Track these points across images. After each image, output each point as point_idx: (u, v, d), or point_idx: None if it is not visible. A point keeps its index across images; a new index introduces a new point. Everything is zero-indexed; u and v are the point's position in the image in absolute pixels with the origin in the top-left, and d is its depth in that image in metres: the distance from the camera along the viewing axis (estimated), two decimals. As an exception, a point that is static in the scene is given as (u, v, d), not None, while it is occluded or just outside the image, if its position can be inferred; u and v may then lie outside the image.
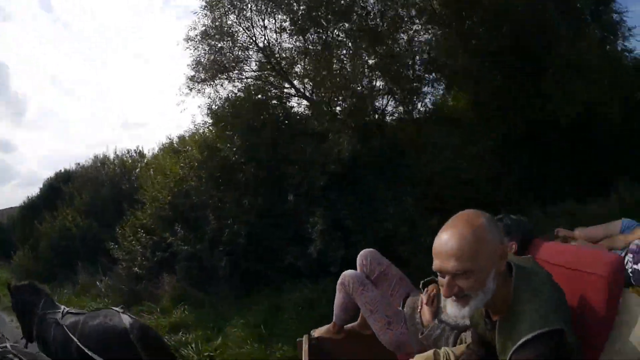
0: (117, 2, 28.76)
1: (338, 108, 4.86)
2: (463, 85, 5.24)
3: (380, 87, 5.46)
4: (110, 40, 28.87)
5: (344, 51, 5.41)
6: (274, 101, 5.44)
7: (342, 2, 5.30)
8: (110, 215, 8.68)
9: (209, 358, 3.57)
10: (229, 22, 5.62)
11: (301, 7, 5.38)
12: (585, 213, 5.63)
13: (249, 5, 5.55)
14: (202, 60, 5.74)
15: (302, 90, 5.67)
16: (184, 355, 3.64)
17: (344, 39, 5.40)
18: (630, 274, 2.05)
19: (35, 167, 30.42)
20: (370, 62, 5.32)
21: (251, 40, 5.73)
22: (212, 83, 5.77)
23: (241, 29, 5.67)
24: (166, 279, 5.58)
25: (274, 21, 5.70)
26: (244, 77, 5.94)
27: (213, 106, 5.37)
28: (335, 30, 5.44)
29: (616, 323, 1.22)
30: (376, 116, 5.34)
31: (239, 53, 5.78)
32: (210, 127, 5.50)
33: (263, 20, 5.68)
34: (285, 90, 5.82)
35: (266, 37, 5.74)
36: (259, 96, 5.29)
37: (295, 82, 5.79)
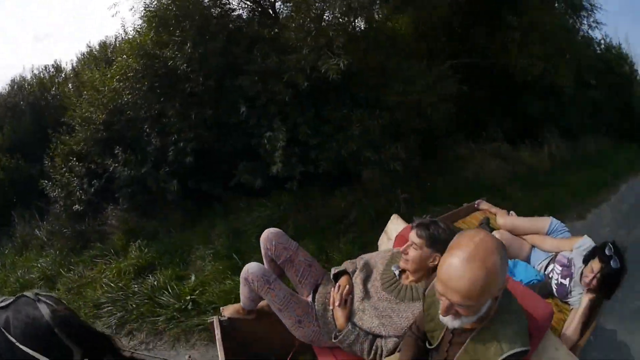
0: None
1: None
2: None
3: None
4: None
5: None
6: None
7: None
8: (37, 148, 7.00)
9: (191, 302, 3.18)
10: None
11: None
12: (518, 159, 6.29)
13: None
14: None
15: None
16: (163, 303, 3.23)
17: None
18: (555, 287, 2.13)
19: None
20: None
21: None
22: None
23: None
24: (110, 212, 4.95)
25: None
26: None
27: (152, 6, 4.51)
28: None
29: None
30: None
31: None
32: (147, 32, 4.67)
33: None
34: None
35: None
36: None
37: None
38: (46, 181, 5.54)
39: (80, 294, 3.69)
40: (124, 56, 4.85)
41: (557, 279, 2.15)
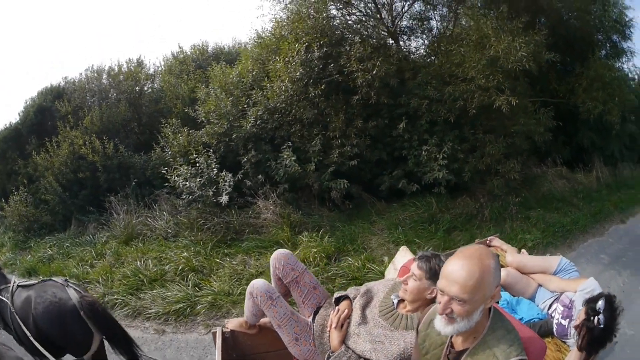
0: None
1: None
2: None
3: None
4: None
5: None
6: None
7: None
8: (129, 135, 7.79)
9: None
10: None
11: None
12: (575, 180, 7.69)
13: None
14: None
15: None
16: (371, 279, 3.64)
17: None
18: (555, 326, 2.14)
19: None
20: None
21: None
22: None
23: None
24: (263, 206, 5.23)
25: None
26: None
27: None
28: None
29: None
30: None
31: None
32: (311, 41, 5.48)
33: None
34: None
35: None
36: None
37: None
38: (166, 169, 5.57)
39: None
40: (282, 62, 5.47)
41: (557, 319, 2.17)
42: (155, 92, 8.92)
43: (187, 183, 5.25)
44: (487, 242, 2.88)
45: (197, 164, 5.42)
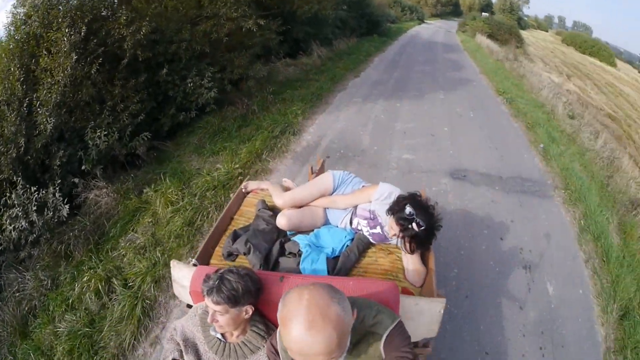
0: None
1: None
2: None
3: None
4: None
5: None
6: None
7: None
8: None
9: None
10: None
11: None
12: (300, 64, 10.04)
13: None
14: None
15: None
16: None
17: None
18: (370, 237, 2.08)
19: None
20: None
21: None
22: None
23: None
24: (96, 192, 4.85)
25: None
26: None
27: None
28: None
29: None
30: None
31: None
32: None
33: None
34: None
35: None
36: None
37: None
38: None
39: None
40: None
41: (368, 231, 2.07)
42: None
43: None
44: (242, 190, 2.57)
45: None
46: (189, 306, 1.83)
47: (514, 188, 4.93)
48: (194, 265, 1.87)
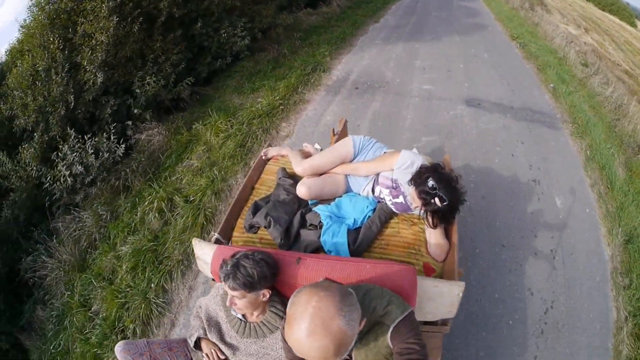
0: None
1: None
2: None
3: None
4: None
5: None
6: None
7: None
8: None
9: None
10: None
11: None
12: (321, 13, 10.47)
13: None
14: None
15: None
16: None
17: None
18: (392, 206, 2.00)
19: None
20: None
21: None
22: None
23: None
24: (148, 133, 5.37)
25: None
26: None
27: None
28: None
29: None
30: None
31: None
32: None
33: None
34: None
35: None
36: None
37: None
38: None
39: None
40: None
41: (390, 200, 2.01)
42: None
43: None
44: (262, 157, 2.51)
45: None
46: (214, 280, 1.83)
47: (525, 117, 5.37)
48: (217, 239, 1.93)
